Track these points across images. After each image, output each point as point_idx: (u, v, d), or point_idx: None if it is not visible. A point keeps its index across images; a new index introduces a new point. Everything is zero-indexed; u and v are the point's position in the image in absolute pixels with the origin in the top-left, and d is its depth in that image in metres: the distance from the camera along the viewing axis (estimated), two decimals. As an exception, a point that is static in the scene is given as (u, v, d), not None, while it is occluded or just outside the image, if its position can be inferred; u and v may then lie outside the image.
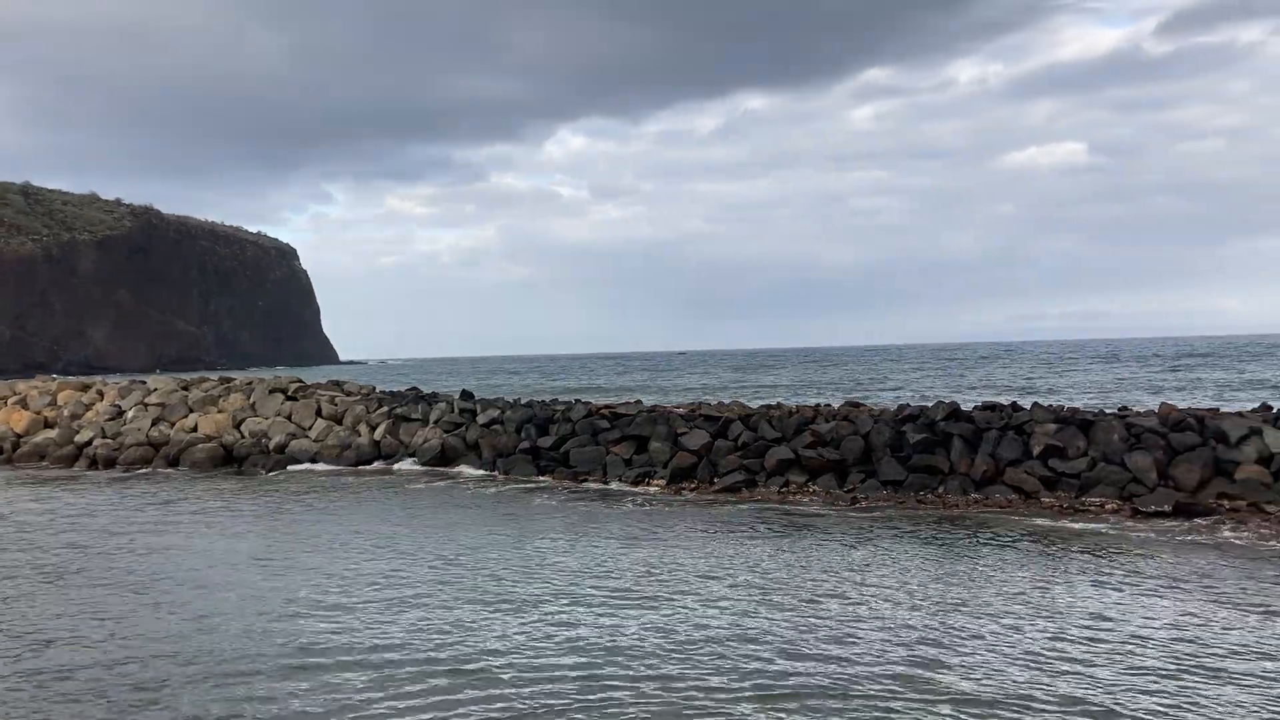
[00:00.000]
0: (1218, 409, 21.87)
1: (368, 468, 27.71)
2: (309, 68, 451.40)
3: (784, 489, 21.88)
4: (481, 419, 27.95)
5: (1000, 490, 20.08)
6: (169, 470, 29.25)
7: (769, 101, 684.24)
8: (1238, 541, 15.57)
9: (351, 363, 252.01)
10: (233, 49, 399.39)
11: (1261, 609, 11.44)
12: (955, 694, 8.77)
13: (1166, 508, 17.88)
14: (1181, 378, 60.37)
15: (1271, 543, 15.37)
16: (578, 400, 29.86)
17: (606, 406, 27.57)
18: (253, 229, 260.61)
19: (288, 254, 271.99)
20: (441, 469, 26.62)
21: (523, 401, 29.95)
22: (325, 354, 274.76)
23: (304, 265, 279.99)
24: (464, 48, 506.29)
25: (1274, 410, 20.45)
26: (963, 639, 10.39)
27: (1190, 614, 11.26)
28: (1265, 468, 18.42)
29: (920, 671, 9.37)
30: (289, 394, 32.07)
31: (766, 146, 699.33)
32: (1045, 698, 8.64)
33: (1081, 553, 14.84)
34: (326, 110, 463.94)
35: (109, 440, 31.79)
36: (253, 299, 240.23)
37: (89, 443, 31.92)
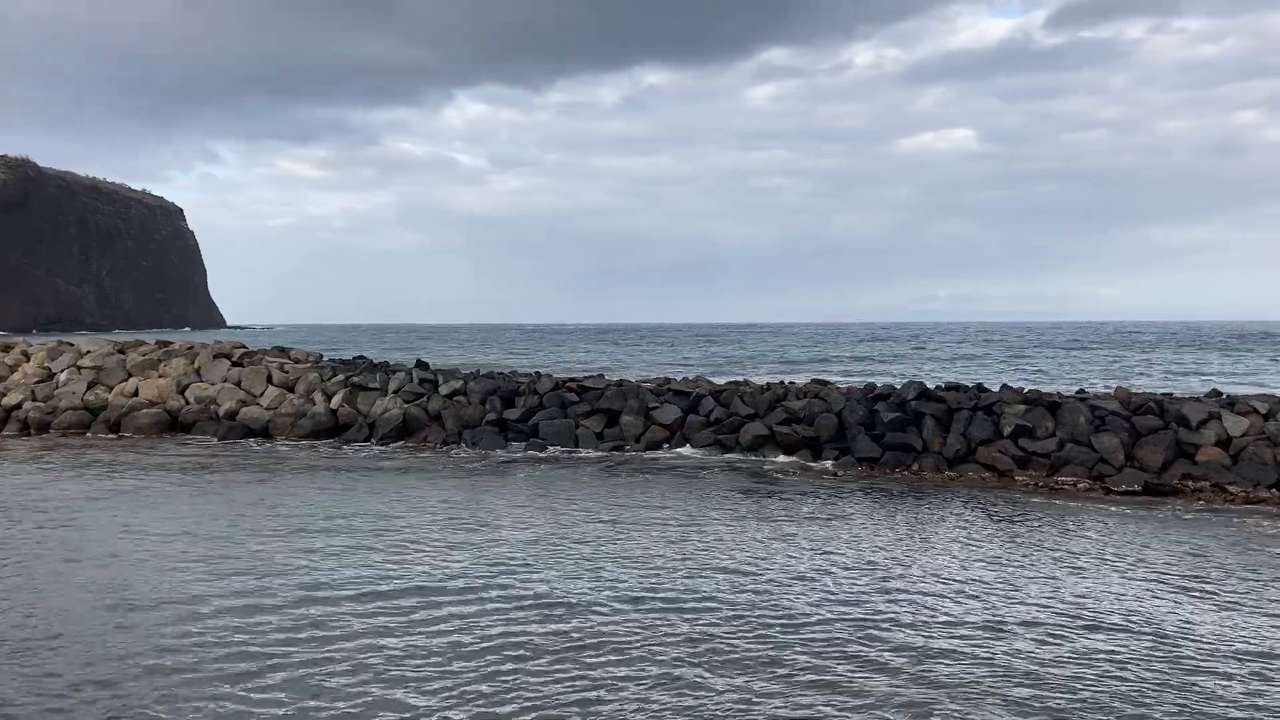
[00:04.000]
0: (1171, 394, 23.11)
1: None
2: (196, 22, 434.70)
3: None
4: (444, 389, 27.73)
5: (973, 468, 20.91)
6: (112, 436, 28.33)
7: (670, 77, 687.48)
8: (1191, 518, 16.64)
9: (239, 327, 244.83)
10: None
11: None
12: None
13: (1136, 487, 18.94)
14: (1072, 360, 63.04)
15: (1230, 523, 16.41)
16: (539, 373, 29.84)
17: (573, 379, 27.70)
18: (137, 187, 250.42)
19: (174, 214, 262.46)
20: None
21: (483, 373, 29.81)
22: (212, 318, 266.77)
23: (191, 226, 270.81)
24: (358, 7, 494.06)
25: (1225, 396, 21.75)
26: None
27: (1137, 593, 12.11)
28: (1224, 450, 19.63)
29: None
30: (234, 360, 31.25)
31: (668, 122, 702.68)
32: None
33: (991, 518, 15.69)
34: (215, 67, 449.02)
35: (40, 404, 30.55)
36: (136, 259, 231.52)
37: (18, 406, 30.61)
